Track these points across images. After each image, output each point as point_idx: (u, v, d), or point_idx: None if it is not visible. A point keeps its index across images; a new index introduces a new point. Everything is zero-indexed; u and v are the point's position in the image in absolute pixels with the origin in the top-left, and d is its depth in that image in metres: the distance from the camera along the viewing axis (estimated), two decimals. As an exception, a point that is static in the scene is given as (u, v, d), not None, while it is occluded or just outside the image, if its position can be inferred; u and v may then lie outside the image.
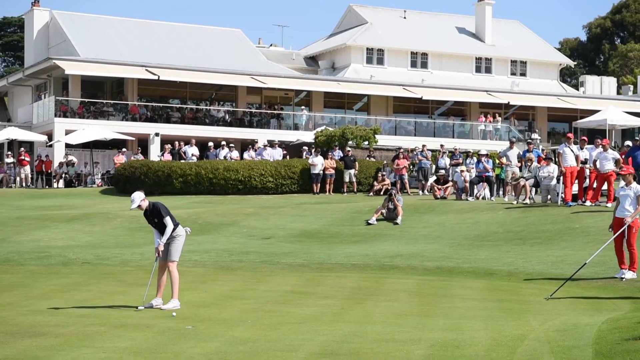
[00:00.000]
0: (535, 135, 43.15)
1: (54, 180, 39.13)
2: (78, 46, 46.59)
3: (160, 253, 11.63)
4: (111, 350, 8.22)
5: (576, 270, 13.80)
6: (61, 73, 43.48)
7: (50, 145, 41.13)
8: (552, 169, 24.62)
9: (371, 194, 30.59)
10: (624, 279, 13.83)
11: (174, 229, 11.66)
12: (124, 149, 39.12)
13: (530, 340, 8.20)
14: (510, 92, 53.19)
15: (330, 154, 33.16)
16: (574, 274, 13.69)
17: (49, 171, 39.61)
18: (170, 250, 11.67)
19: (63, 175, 39.15)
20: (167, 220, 11.56)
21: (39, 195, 34.09)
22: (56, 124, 41.28)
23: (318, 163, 32.02)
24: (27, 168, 39.06)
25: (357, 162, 32.65)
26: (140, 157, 37.55)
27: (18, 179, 38.85)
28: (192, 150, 36.42)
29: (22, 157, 38.71)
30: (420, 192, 31.06)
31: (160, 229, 11.62)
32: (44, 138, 41.50)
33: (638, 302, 11.31)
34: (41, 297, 12.57)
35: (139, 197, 11.47)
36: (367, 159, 34.43)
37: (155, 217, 11.59)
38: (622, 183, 14.41)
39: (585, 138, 24.61)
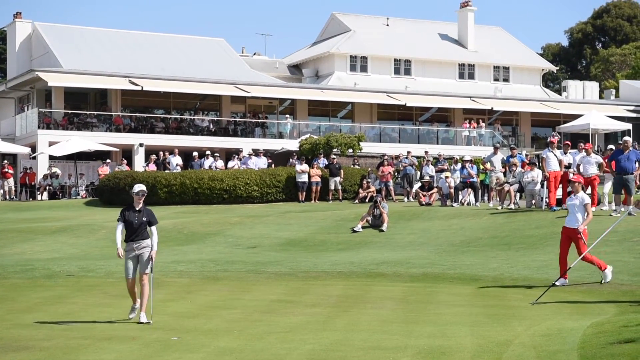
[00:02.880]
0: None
1: (38, 193, 38.92)
2: (61, 58, 46.43)
3: (144, 259, 11.20)
4: (96, 363, 8.17)
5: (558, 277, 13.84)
6: (44, 85, 43.32)
7: (34, 157, 40.93)
8: (536, 174, 24.72)
9: (356, 201, 30.64)
10: (557, 285, 13.43)
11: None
12: (107, 160, 38.97)
13: (516, 346, 8.22)
14: (493, 98, 53.44)
15: (315, 162, 33.17)
16: (557, 279, 13.73)
17: (33, 183, 39.41)
18: (148, 262, 11.27)
19: (47, 187, 38.95)
20: (155, 229, 11.41)
21: (23, 208, 33.89)
22: (39, 136, 41.10)
23: (304, 171, 32.03)
24: (11, 180, 38.82)
25: (342, 170, 32.68)
26: (125, 167, 37.43)
27: (1, 191, 38.60)
28: (176, 160, 36.34)
29: (6, 170, 38.49)
30: (406, 198, 31.11)
31: (140, 232, 11.24)
32: (28, 150, 41.30)
33: (622, 305, 11.36)
34: (25, 310, 12.48)
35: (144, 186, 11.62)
36: (352, 166, 34.46)
37: (146, 217, 11.27)
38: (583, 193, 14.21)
39: (568, 142, 24.74)
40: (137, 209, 11.37)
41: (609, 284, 13.91)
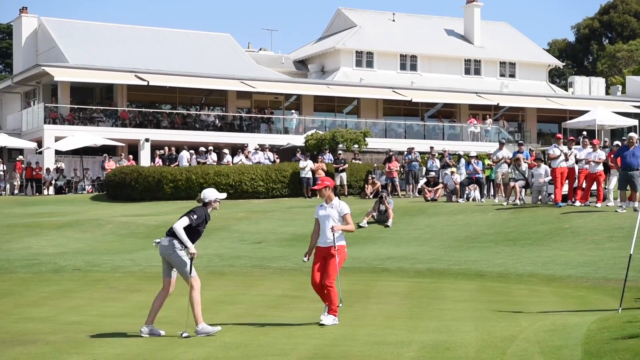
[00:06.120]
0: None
1: (44, 187, 39.04)
2: (67, 53, 46.51)
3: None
4: (102, 357, 8.22)
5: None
6: (50, 80, 43.41)
7: (40, 152, 41.04)
8: (543, 170, 24.71)
9: (368, 196, 30.41)
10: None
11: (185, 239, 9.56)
12: (105, 155, 38.88)
13: (520, 341, 8.24)
14: (499, 94, 53.36)
15: (320, 157, 33.17)
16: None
17: (39, 178, 39.54)
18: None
19: (53, 182, 39.06)
20: (181, 219, 9.66)
21: (29, 203, 34.00)
22: (45, 131, 41.21)
23: (307, 167, 32.03)
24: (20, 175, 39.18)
25: (347, 165, 32.68)
26: (125, 162, 37.45)
27: (8, 186, 38.77)
28: (186, 156, 36.22)
29: (25, 166, 39.11)
30: (411, 194, 31.10)
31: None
32: (34, 145, 41.41)
33: (627, 301, 11.36)
34: (32, 304, 12.55)
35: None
36: (353, 161, 34.37)
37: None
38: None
39: (572, 138, 24.71)
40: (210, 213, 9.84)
41: (614, 280, 13.88)
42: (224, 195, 10.14)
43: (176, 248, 9.59)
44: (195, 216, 9.64)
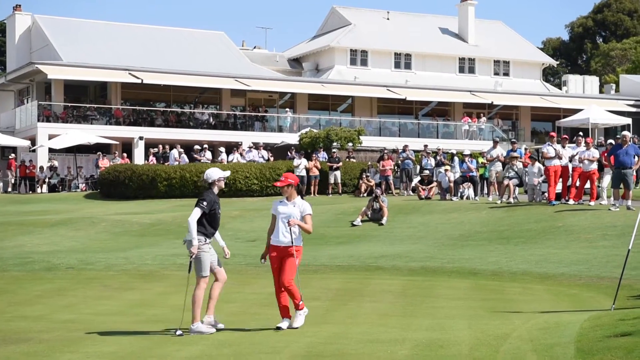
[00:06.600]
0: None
1: (38, 185, 38.97)
2: (60, 50, 46.41)
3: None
4: (96, 355, 8.21)
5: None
6: (44, 77, 43.31)
7: (34, 150, 40.97)
8: (536, 168, 24.75)
9: (362, 194, 30.43)
10: (280, 328, 9.47)
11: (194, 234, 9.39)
12: (99, 153, 38.86)
13: (513, 339, 8.26)
14: (493, 92, 53.44)
15: (314, 155, 33.17)
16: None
17: (33, 176, 39.48)
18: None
19: (47, 180, 39.00)
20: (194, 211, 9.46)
21: (23, 201, 33.93)
22: (39, 129, 41.13)
23: (301, 165, 32.04)
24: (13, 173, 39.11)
25: (341, 163, 32.70)
26: (119, 160, 37.41)
27: (2, 184, 38.69)
28: (175, 154, 36.20)
29: (18, 164, 39.03)
30: (405, 192, 31.13)
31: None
32: (27, 143, 41.33)
33: (620, 299, 11.39)
34: (25, 303, 12.52)
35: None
36: (347, 160, 34.40)
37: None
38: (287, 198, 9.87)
39: (566, 136, 24.77)
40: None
41: (608, 278, 13.91)
42: (228, 173, 10.02)
43: (200, 243, 9.58)
44: (204, 203, 9.54)
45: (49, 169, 39.31)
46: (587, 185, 23.36)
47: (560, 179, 23.70)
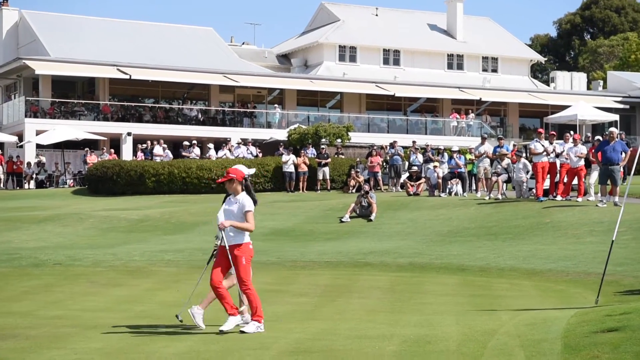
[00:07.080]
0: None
1: (25, 181, 38.80)
2: (48, 46, 46.21)
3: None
4: (83, 351, 8.18)
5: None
6: (31, 73, 43.11)
7: (21, 146, 40.78)
8: (522, 164, 24.82)
9: (351, 190, 30.37)
10: (222, 332, 8.96)
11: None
12: (87, 149, 38.74)
13: (501, 335, 8.28)
14: (481, 89, 53.55)
15: (303, 151, 33.15)
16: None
17: (20, 172, 39.32)
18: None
19: (34, 176, 38.83)
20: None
21: (10, 197, 33.78)
22: (27, 125, 40.94)
23: (290, 161, 32.03)
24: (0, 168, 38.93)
25: (329, 159, 32.70)
26: (107, 156, 37.31)
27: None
28: (158, 151, 36.16)
29: (6, 159, 38.90)
30: (393, 188, 31.16)
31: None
32: (15, 139, 41.14)
33: (606, 295, 11.43)
34: (12, 299, 12.47)
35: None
36: (336, 156, 34.40)
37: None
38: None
39: (554, 133, 24.83)
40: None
41: (595, 274, 13.95)
42: (253, 170, 9.73)
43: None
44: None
45: (36, 164, 39.14)
46: (575, 181, 23.44)
47: (548, 175, 23.78)
